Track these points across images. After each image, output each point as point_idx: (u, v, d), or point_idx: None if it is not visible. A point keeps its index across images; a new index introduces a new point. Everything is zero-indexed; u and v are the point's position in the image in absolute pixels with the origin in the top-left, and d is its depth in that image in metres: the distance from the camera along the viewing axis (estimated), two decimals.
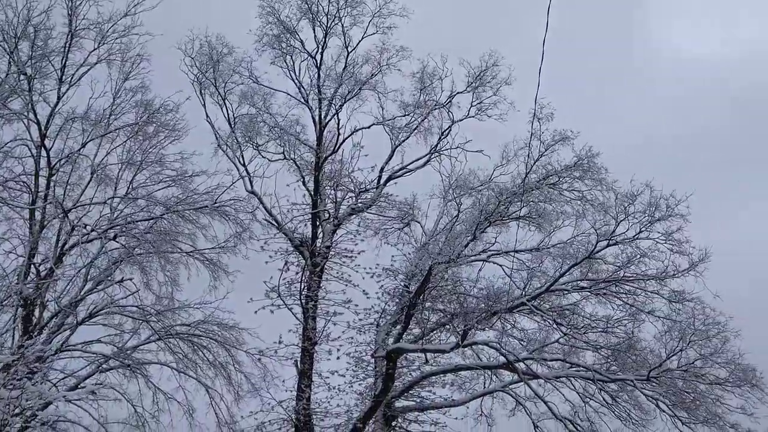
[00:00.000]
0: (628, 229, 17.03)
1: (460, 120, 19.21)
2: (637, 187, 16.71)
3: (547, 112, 16.51)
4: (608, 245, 17.25)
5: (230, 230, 18.66)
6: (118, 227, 18.03)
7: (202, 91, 18.62)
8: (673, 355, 16.31)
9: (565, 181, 17.26)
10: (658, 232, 16.94)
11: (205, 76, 18.57)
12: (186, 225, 18.91)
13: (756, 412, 16.15)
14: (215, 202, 18.25)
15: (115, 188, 18.34)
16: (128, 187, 18.39)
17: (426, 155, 19.41)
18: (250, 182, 18.73)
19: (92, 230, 17.70)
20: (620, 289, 17.37)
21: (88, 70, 17.72)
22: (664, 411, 16.55)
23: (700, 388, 16.56)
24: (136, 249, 18.18)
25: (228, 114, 18.85)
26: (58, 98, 17.66)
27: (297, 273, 18.39)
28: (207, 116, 18.75)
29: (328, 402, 18.00)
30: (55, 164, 17.78)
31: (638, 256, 17.01)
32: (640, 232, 16.95)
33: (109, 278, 17.85)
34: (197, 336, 18.39)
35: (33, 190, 17.57)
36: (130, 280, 17.98)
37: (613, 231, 17.08)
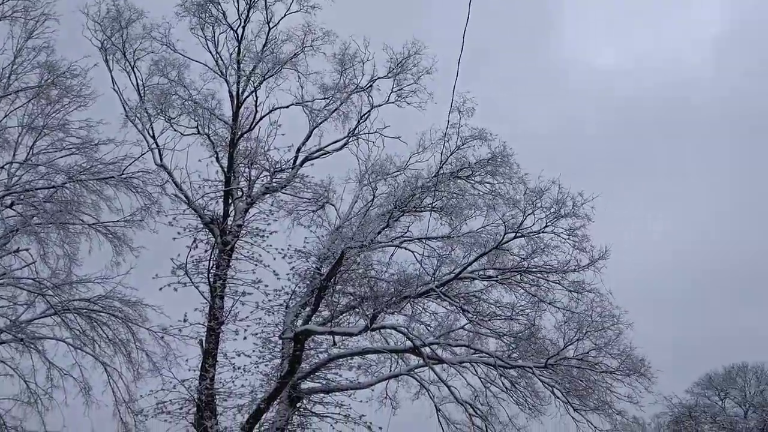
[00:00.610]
0: (534, 223, 17.52)
1: (380, 105, 19.07)
2: (545, 184, 17.20)
3: (468, 107, 16.64)
4: (515, 237, 17.68)
5: (137, 203, 17.87)
6: (16, 194, 16.89)
7: (108, 58, 17.57)
8: (570, 345, 16.98)
9: (478, 174, 17.50)
10: (563, 228, 17.51)
11: (112, 41, 17.51)
12: (89, 195, 17.92)
13: (641, 400, 17.13)
14: (122, 174, 17.37)
15: (14, 153, 17.15)
16: (28, 153, 17.22)
17: (344, 138, 19.18)
18: (160, 155, 17.92)
19: None
20: (524, 279, 17.87)
21: None
22: (558, 398, 17.23)
23: (592, 377, 17.33)
24: (34, 218, 17.09)
25: (137, 83, 17.91)
26: None
27: (206, 251, 17.78)
28: (114, 84, 17.75)
29: (233, 382, 17.64)
30: None
31: (542, 249, 17.51)
32: (546, 226, 17.46)
33: (4, 247, 16.71)
34: (96, 312, 17.56)
35: None
36: (26, 250, 16.97)
37: (521, 224, 17.51)
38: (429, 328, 18.08)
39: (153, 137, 17.90)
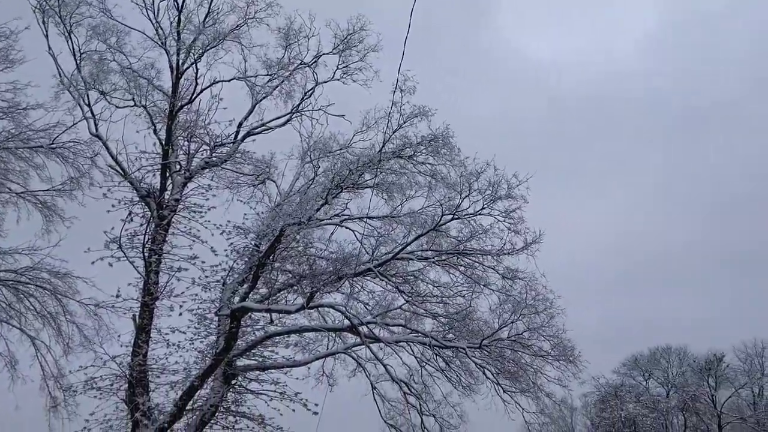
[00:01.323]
0: (470, 205, 17.47)
1: (325, 82, 18.66)
2: (480, 165, 17.12)
3: (410, 85, 16.38)
4: (453, 219, 17.59)
5: (68, 173, 17.05)
6: None
7: (45, 20, 16.59)
8: (504, 327, 17.09)
9: (420, 153, 17.33)
10: (498, 210, 17.52)
11: (48, 3, 16.54)
12: (18, 163, 17.01)
13: (569, 384, 17.46)
14: (52, 142, 16.52)
15: None
16: None
17: (287, 114, 18.71)
18: (95, 125, 17.06)
19: None
20: (461, 262, 17.86)
21: None
22: (489, 378, 17.40)
23: (524, 359, 17.54)
24: None
25: (74, 48, 16.99)
26: None
27: (141, 225, 17.13)
28: (49, 48, 16.72)
29: (166, 359, 17.10)
30: None
31: (479, 233, 17.52)
32: (483, 208, 17.42)
33: None
34: (24, 284, 16.79)
35: None
36: None
37: (458, 206, 17.43)
38: (367, 307, 17.92)
39: (88, 105, 17.06)
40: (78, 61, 17.00)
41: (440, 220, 17.04)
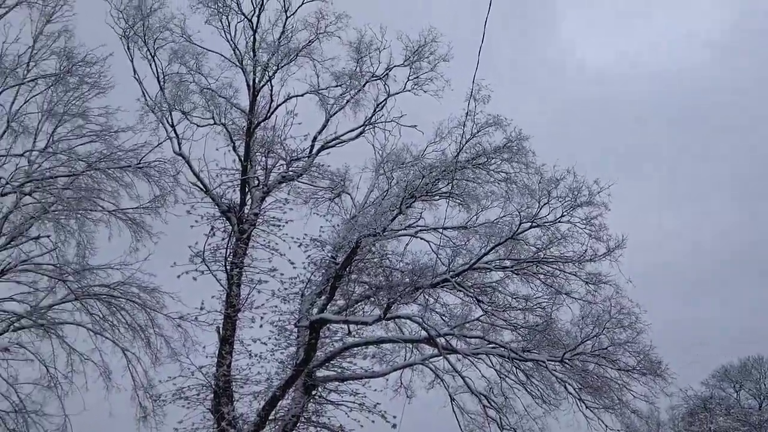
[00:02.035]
0: (549, 213, 16.89)
1: (396, 93, 18.50)
2: (560, 173, 16.57)
3: (484, 94, 16.03)
4: (531, 227, 17.04)
5: (155, 191, 17.58)
6: (36, 182, 16.69)
7: (130, 46, 17.22)
8: (587, 340, 16.35)
9: (494, 162, 16.92)
10: (579, 218, 16.87)
11: (134, 30, 17.15)
12: (109, 182, 17.66)
13: (657, 401, 16.51)
14: (140, 162, 17.08)
15: (34, 140, 16.90)
16: (48, 140, 16.97)
17: (360, 127, 18.65)
18: (179, 144, 17.53)
19: (7, 183, 16.31)
20: (540, 270, 17.26)
21: (7, 12, 16.05)
22: (571, 393, 16.66)
23: (608, 374, 16.73)
24: (53, 206, 16.89)
25: (157, 71, 17.54)
26: None
27: (223, 239, 17.45)
28: (135, 73, 17.34)
29: (249, 369, 17.24)
30: None
31: (559, 239, 16.91)
32: (562, 216, 16.79)
33: (24, 234, 16.52)
34: (116, 297, 17.34)
35: None
36: (47, 237, 16.76)
37: (536, 213, 16.86)
38: (443, 318, 17.57)
39: (172, 126, 17.56)
40: (161, 84, 17.55)
41: (518, 228, 16.53)
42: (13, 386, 16.07)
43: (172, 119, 17.50)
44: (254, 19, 17.62)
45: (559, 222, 16.58)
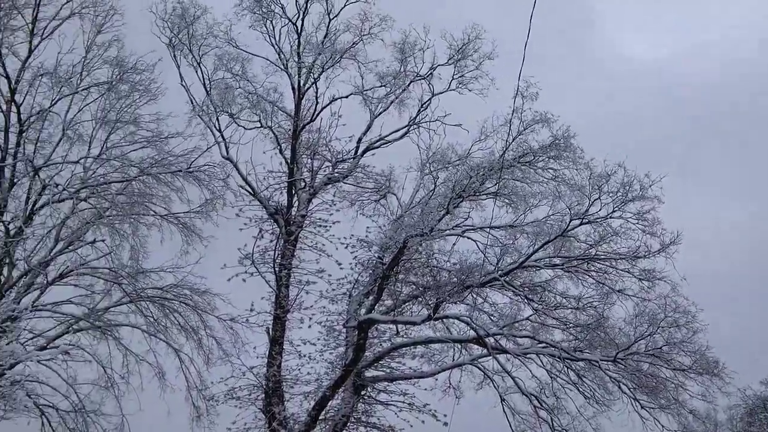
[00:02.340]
0: (600, 209, 16.42)
1: (441, 93, 18.32)
2: (611, 168, 16.11)
3: (532, 91, 15.73)
4: (581, 224, 16.62)
5: (204, 195, 17.85)
6: (91, 188, 17.12)
7: (176, 54, 17.51)
8: (641, 339, 15.86)
9: (541, 160, 16.58)
10: (631, 213, 16.38)
11: (179, 38, 17.43)
12: (160, 187, 18.00)
13: (714, 400, 15.91)
14: (189, 167, 17.35)
15: (89, 147, 17.31)
16: (102, 147, 17.38)
17: (404, 127, 18.52)
18: (226, 148, 17.73)
19: (64, 190, 16.76)
20: (592, 267, 16.84)
21: (61, 23, 16.53)
22: (625, 393, 16.18)
23: (663, 374, 16.20)
24: (108, 210, 17.30)
25: (203, 77, 17.79)
26: (30, 52, 16.48)
27: (271, 241, 17.60)
28: (182, 80, 17.61)
29: (299, 369, 17.36)
30: (26, 121, 16.70)
31: (610, 235, 16.46)
32: (613, 211, 16.30)
33: (80, 239, 16.96)
34: (169, 299, 17.65)
35: (2, 146, 16.51)
36: (102, 241, 17.18)
37: (587, 210, 16.43)
38: (492, 318, 17.32)
39: (219, 130, 17.79)
40: (207, 90, 17.79)
41: (568, 225, 16.15)
42: (73, 387, 16.48)
43: (219, 124, 17.74)
44: (298, 23, 17.73)
45: (611, 218, 16.12)
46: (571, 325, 16.74)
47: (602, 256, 16.45)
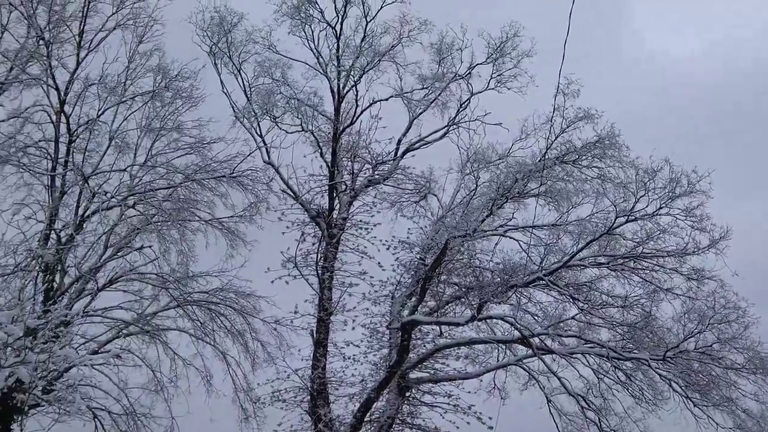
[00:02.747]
0: (647, 205, 16.08)
1: (480, 92, 18.19)
2: (657, 163, 15.77)
3: (573, 88, 15.49)
4: (627, 221, 16.31)
5: (248, 200, 18.03)
6: (138, 195, 17.44)
7: (217, 62, 17.73)
8: (690, 337, 15.48)
9: (585, 158, 16.31)
10: (678, 209, 16.01)
11: (218, 46, 17.65)
12: (204, 193, 18.24)
13: None
14: (233, 172, 17.55)
15: (134, 155, 17.64)
16: (147, 154, 17.70)
17: (444, 128, 18.45)
18: (268, 153, 17.91)
19: (112, 197, 17.11)
20: (638, 266, 16.50)
21: (107, 35, 16.88)
22: (677, 392, 15.79)
23: (714, 372, 15.79)
24: (155, 217, 17.59)
25: (244, 84, 17.99)
26: (77, 64, 16.85)
27: (313, 244, 17.68)
28: (223, 87, 17.83)
29: (343, 372, 17.40)
30: (75, 130, 17.08)
31: (657, 233, 16.11)
32: (660, 208, 15.96)
33: (129, 245, 17.27)
34: (215, 303, 17.86)
35: (53, 156, 16.91)
36: (150, 247, 17.45)
37: (632, 207, 16.12)
38: (536, 318, 17.12)
39: (260, 135, 17.97)
40: (248, 96, 17.97)
41: (613, 223, 15.86)
42: (124, 390, 16.76)
43: (260, 129, 17.91)
44: (337, 27, 17.79)
45: (658, 215, 15.78)
46: (617, 323, 16.42)
47: (649, 254, 16.10)
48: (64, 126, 16.78)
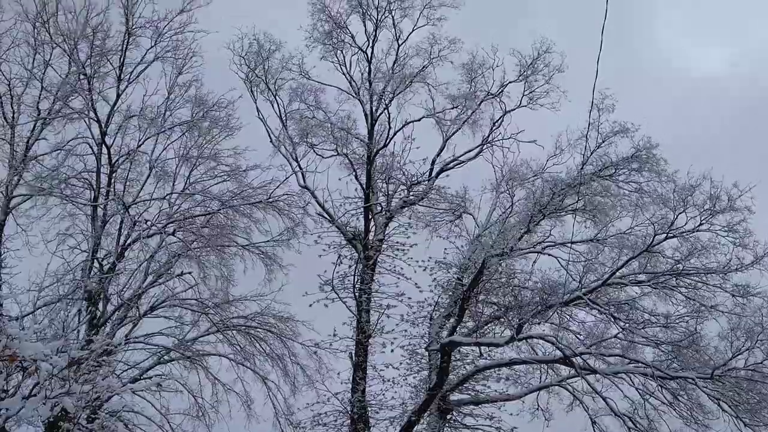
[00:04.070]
0: (687, 222, 15.77)
1: (512, 110, 18.15)
2: (696, 179, 15.46)
3: (608, 103, 15.31)
4: (666, 238, 16.01)
5: (284, 224, 18.14)
6: (177, 222, 17.65)
7: (253, 89, 17.97)
8: (738, 355, 15.04)
9: (623, 172, 16.06)
10: (720, 225, 15.64)
11: (255, 73, 17.90)
12: (241, 219, 18.44)
13: None
14: (269, 197, 17.69)
15: (173, 183, 17.93)
16: (185, 183, 17.95)
17: (477, 147, 18.43)
18: (303, 177, 18.09)
19: (152, 225, 17.35)
20: (681, 283, 16.12)
21: (146, 67, 17.31)
22: (726, 411, 15.29)
23: (765, 390, 15.26)
24: (193, 243, 17.77)
25: (279, 110, 18.20)
26: (117, 96, 17.28)
27: (350, 266, 17.71)
28: (259, 113, 18.11)
29: (383, 395, 17.30)
30: (116, 161, 17.43)
31: (699, 249, 15.72)
32: (701, 224, 15.64)
33: (169, 272, 17.47)
34: (254, 328, 17.95)
35: (95, 186, 17.26)
36: (189, 273, 17.64)
37: (672, 223, 15.82)
38: (578, 337, 16.83)
39: (296, 160, 18.13)
40: (284, 122, 18.17)
41: (653, 240, 15.54)
42: (166, 416, 16.87)
43: (296, 154, 18.04)
44: (368, 51, 17.93)
45: (698, 231, 15.42)
46: (661, 342, 16.01)
47: (691, 271, 15.72)
48: (106, 157, 17.13)
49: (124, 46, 17.12)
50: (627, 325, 16.04)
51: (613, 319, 16.27)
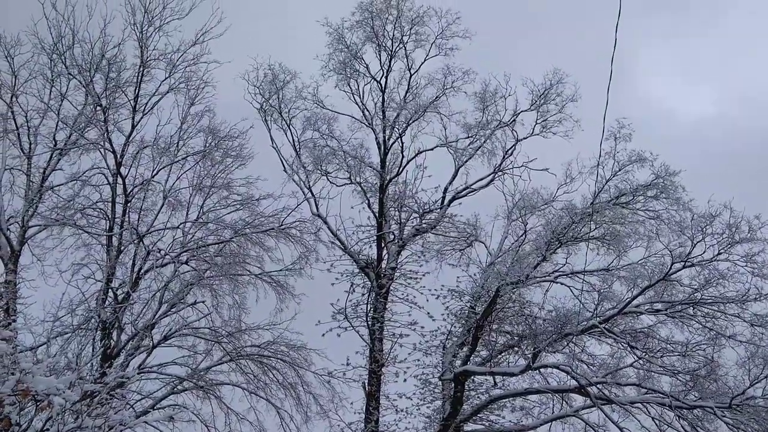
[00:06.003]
0: (704, 251, 15.49)
1: (524, 138, 18.08)
2: (715, 208, 15.22)
3: (625, 132, 15.19)
4: (684, 267, 15.73)
5: (296, 252, 18.02)
6: (191, 251, 17.55)
7: (267, 118, 17.97)
8: (756, 383, 14.69)
9: (639, 200, 15.85)
10: (738, 255, 15.36)
11: (269, 103, 17.91)
12: (253, 248, 18.35)
13: None
14: (281, 225, 17.58)
15: (187, 213, 17.88)
16: (199, 212, 17.89)
17: (490, 175, 18.33)
18: (316, 205, 18.02)
19: (166, 254, 17.27)
20: (698, 312, 15.81)
21: (161, 99, 17.35)
22: None
23: None
24: (206, 272, 17.65)
25: (293, 139, 18.19)
26: (132, 127, 17.31)
27: (363, 295, 17.55)
28: (273, 142, 18.13)
29: (396, 425, 17.02)
30: (131, 191, 17.42)
31: (717, 278, 15.43)
32: (719, 254, 15.38)
33: (182, 301, 17.33)
34: (267, 357, 17.74)
35: (110, 216, 17.23)
36: (203, 302, 17.52)
37: (689, 252, 15.55)
38: (592, 367, 16.50)
39: (309, 188, 18.06)
40: (297, 151, 18.12)
41: (670, 268, 15.28)
42: None
43: (309, 182, 17.97)
44: (382, 81, 17.91)
45: (716, 260, 15.14)
46: (678, 371, 15.66)
47: (709, 300, 15.41)
48: (121, 187, 17.10)
49: (139, 78, 17.21)
50: (644, 354, 15.71)
51: (629, 348, 15.95)
